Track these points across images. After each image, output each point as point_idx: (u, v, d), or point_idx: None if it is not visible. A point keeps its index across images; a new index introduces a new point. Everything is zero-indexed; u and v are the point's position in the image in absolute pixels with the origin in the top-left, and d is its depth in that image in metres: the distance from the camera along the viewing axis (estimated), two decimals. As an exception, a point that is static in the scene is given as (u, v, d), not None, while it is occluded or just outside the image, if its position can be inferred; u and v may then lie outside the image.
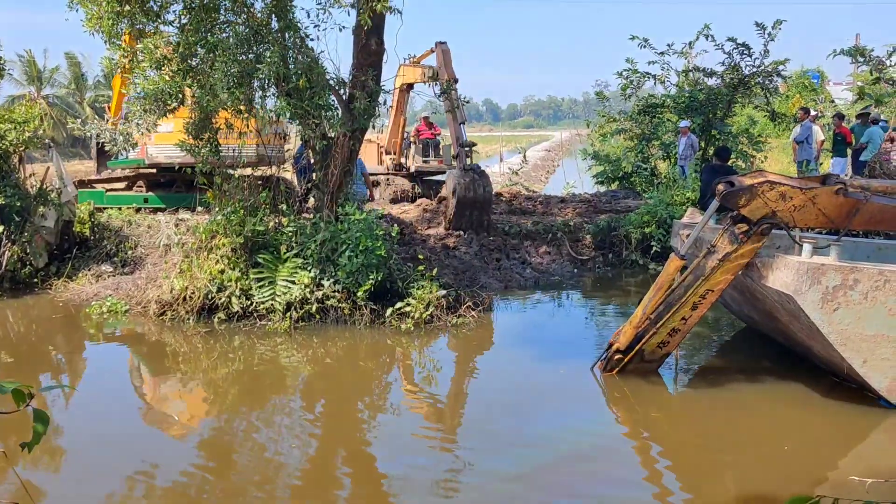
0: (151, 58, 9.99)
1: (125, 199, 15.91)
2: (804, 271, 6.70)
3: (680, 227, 9.56)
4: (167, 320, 10.13)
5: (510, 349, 9.49)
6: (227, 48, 9.74)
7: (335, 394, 8.11)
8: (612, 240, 14.41)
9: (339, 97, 10.80)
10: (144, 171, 16.09)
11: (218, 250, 10.28)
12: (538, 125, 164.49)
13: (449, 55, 15.22)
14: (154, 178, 16.30)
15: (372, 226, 10.27)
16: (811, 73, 32.67)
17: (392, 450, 6.46)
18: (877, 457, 6.36)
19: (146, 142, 14.28)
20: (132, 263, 12.72)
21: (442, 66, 15.09)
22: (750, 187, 6.85)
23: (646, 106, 19.79)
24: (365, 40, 10.58)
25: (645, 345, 7.64)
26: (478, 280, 12.38)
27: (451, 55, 15.24)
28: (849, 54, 19.29)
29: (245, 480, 5.87)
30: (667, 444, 6.65)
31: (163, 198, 15.87)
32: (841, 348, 6.79)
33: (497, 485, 5.67)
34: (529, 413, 7.27)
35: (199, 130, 10.78)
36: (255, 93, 10.35)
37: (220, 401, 7.86)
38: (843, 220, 7.12)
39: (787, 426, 6.91)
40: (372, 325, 9.93)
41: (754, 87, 18.39)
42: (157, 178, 16.27)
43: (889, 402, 6.90)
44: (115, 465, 6.04)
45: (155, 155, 14.87)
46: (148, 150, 14.91)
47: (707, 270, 7.22)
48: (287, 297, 9.88)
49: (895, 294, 6.62)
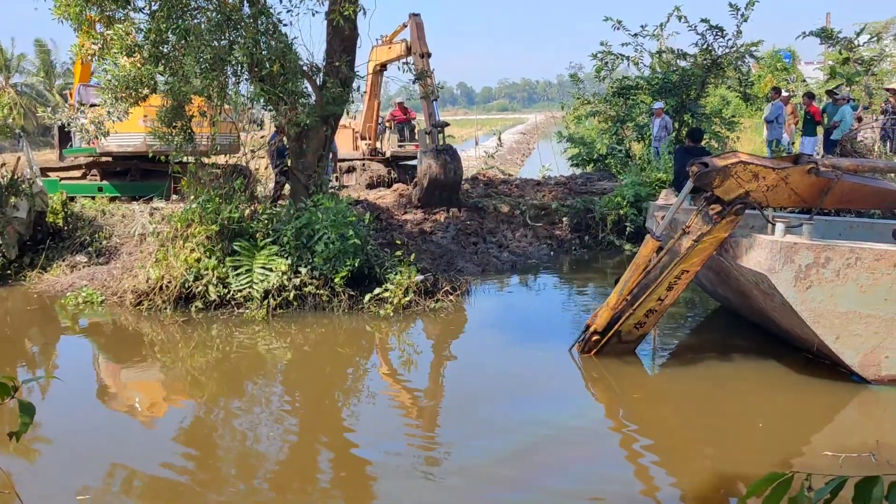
0: (122, 44, 9.86)
1: (79, 188, 15.62)
2: (777, 250, 6.79)
3: (655, 209, 9.63)
4: (144, 310, 10.06)
5: (488, 333, 9.54)
6: (199, 34, 9.64)
7: (314, 381, 8.11)
8: (588, 222, 14.49)
9: (313, 83, 10.74)
10: (98, 159, 15.86)
11: (193, 239, 10.21)
12: (513, 108, 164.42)
13: (422, 28, 15.16)
14: (108, 166, 16.06)
15: (344, 212, 10.24)
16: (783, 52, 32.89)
17: (372, 435, 6.48)
18: (849, 431, 6.49)
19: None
20: (107, 253, 12.61)
21: (415, 38, 15.04)
22: (723, 168, 6.91)
23: (620, 88, 19.85)
24: (338, 25, 10.52)
25: (622, 326, 7.71)
26: (455, 264, 12.40)
27: (424, 28, 15.18)
28: (818, 35, 19.45)
29: (225, 468, 5.88)
30: (645, 424, 6.73)
31: (117, 186, 15.64)
32: (814, 325, 6.89)
33: (477, 469, 5.71)
34: (509, 397, 7.32)
35: (172, 118, 10.67)
36: (228, 79, 10.26)
37: (199, 390, 7.83)
38: (814, 199, 7.21)
39: (762, 403, 7.01)
40: (350, 311, 9.93)
41: (727, 69, 18.50)
42: (112, 167, 16.04)
43: (861, 378, 7.02)
44: (93, 457, 6.02)
45: (106, 144, 14.65)
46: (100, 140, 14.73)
47: (682, 251, 7.28)
48: (264, 285, 9.85)
49: (866, 271, 6.73)
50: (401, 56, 16.34)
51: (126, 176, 15.93)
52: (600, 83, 20.49)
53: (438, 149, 14.45)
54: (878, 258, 6.74)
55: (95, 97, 15.20)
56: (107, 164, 15.99)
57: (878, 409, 6.86)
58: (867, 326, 6.86)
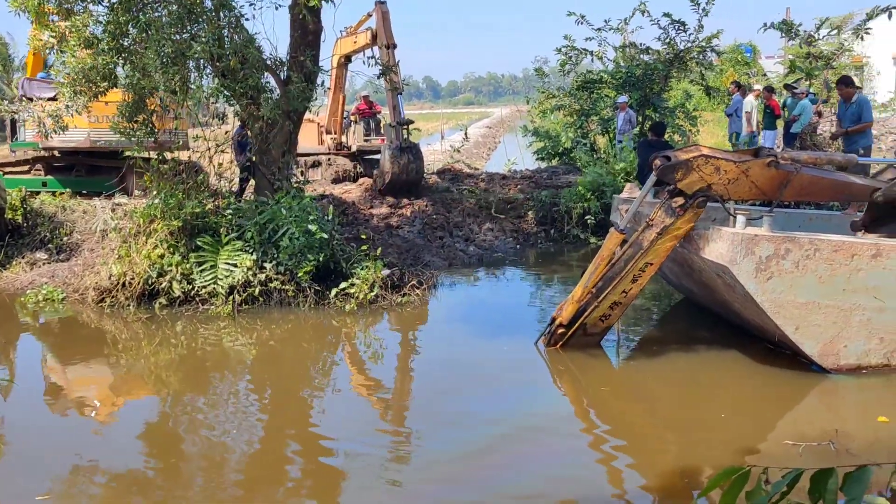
0: (80, 37, 9.71)
1: (23, 182, 15.20)
2: (738, 242, 6.88)
3: (619, 202, 9.71)
4: (106, 307, 9.92)
5: (455, 327, 9.55)
6: (159, 27, 9.52)
7: (281, 376, 8.06)
8: (554, 215, 14.57)
9: (277, 78, 10.65)
10: (43, 154, 15.58)
11: (156, 234, 10.09)
12: (479, 102, 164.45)
13: (388, 17, 15.07)
14: (53, 161, 15.78)
15: (307, 208, 10.17)
16: (744, 46, 33.26)
17: (339, 431, 6.46)
18: (810, 420, 6.60)
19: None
20: (68, 250, 12.40)
21: (381, 28, 14.96)
22: (686, 162, 6.99)
23: (584, 82, 19.96)
24: (302, 19, 10.44)
25: (587, 318, 7.77)
26: (422, 258, 12.40)
27: (390, 17, 15.09)
28: (779, 29, 19.68)
29: (190, 466, 5.83)
30: (611, 417, 6.80)
31: (62, 181, 15.36)
32: (774, 316, 7.00)
33: (445, 465, 5.70)
34: (475, 391, 7.34)
35: (133, 112, 10.52)
36: (189, 73, 10.14)
37: (164, 387, 7.76)
38: (774, 191, 7.33)
39: (725, 394, 7.12)
40: (316, 306, 9.89)
41: (689, 62, 18.68)
42: (57, 162, 15.75)
43: (821, 367, 7.15)
44: (54, 457, 5.92)
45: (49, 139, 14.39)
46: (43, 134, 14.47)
47: (646, 244, 7.35)
48: (229, 281, 9.77)
49: (825, 262, 6.85)
50: (367, 45, 16.23)
51: (72, 171, 15.65)
52: (565, 77, 20.58)
53: (402, 147, 14.49)
54: (837, 249, 6.86)
55: (39, 90, 15.00)
56: (52, 159, 15.68)
57: (836, 398, 7.00)
58: (826, 317, 6.98)
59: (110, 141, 14.07)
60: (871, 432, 6.05)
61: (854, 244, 6.93)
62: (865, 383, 7.05)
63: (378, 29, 15.13)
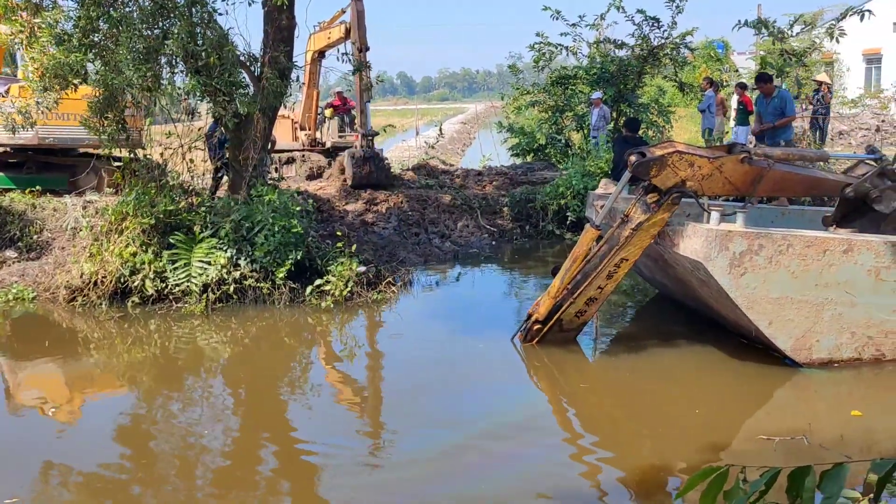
0: (51, 33, 9.56)
1: None
2: (712, 238, 6.92)
3: (594, 198, 9.74)
4: (78, 306, 9.80)
5: (431, 323, 9.55)
6: (131, 23, 9.40)
7: (256, 375, 8.01)
8: (529, 211, 14.59)
9: (251, 74, 10.57)
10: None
11: (128, 232, 9.97)
12: (453, 98, 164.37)
13: (363, 17, 15.01)
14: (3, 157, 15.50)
15: (287, 204, 10.11)
16: (716, 43, 33.50)
17: (314, 430, 6.43)
18: (783, 414, 6.68)
19: None
20: (38, 248, 12.22)
21: (355, 27, 14.91)
22: (660, 157, 7.02)
23: (558, 78, 20.00)
24: (276, 15, 10.37)
25: (563, 314, 7.79)
26: (397, 255, 12.37)
27: (365, 16, 15.04)
28: (753, 26, 19.82)
29: (164, 466, 5.77)
30: (587, 414, 6.83)
31: (12, 178, 15.10)
32: (748, 311, 7.06)
33: (421, 465, 5.67)
34: (452, 389, 7.33)
35: (104, 109, 10.39)
36: (162, 70, 10.03)
37: (137, 387, 7.67)
38: (748, 187, 7.38)
39: (699, 389, 7.18)
40: (291, 304, 9.83)
41: (663, 59, 18.79)
42: (4, 159, 15.48)
43: (794, 361, 7.22)
44: (23, 459, 5.83)
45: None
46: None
47: (621, 240, 7.38)
48: (203, 279, 9.68)
49: (798, 257, 6.92)
50: (341, 40, 16.16)
51: (22, 168, 15.38)
52: (539, 73, 20.61)
53: (366, 156, 14.67)
54: (809, 245, 6.93)
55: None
56: (2, 156, 15.41)
57: (809, 392, 7.08)
58: (798, 311, 7.06)
59: (60, 139, 13.94)
60: (844, 426, 6.12)
61: (826, 240, 7.01)
62: (837, 377, 7.13)
63: (352, 27, 15.07)
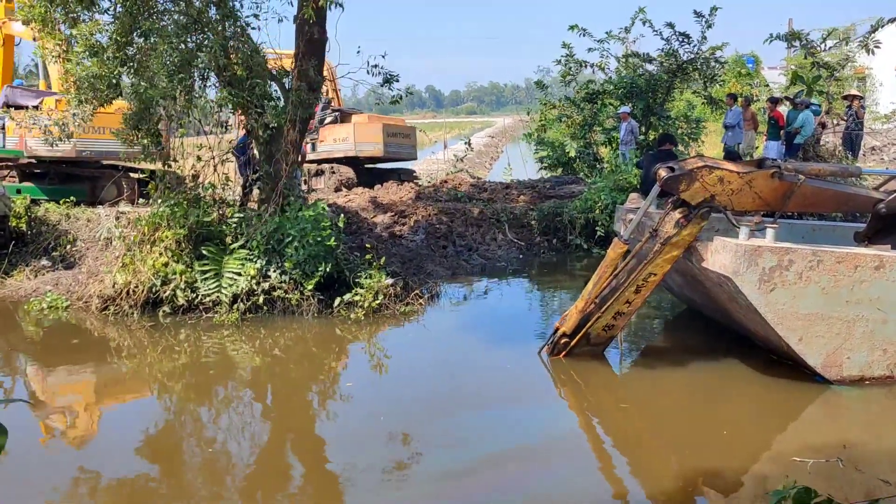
0: (86, 45, 9.76)
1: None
2: (742, 253, 6.88)
3: (623, 213, 9.72)
4: (110, 315, 9.95)
5: (459, 336, 9.56)
6: (165, 36, 9.57)
7: (284, 386, 8.07)
8: (557, 225, 14.58)
9: (282, 86, 10.70)
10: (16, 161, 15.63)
11: (161, 243, 10.11)
12: (481, 111, 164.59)
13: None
14: (28, 168, 15.81)
15: (319, 218, 10.20)
16: (746, 57, 33.29)
17: (341, 443, 6.43)
18: (815, 434, 6.54)
19: (24, 134, 14.10)
20: (72, 258, 12.44)
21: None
22: (689, 172, 7.01)
23: (588, 93, 20.01)
24: (306, 29, 10.49)
25: (591, 328, 7.77)
26: (425, 268, 12.41)
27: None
28: (785, 39, 19.73)
29: (192, 475, 5.82)
30: (613, 430, 6.77)
31: (38, 189, 15.42)
32: (778, 327, 7.00)
33: (448, 480, 5.63)
34: (480, 402, 7.30)
35: (138, 121, 10.57)
36: (194, 82, 10.18)
37: (167, 396, 7.77)
38: (778, 202, 7.34)
39: (728, 406, 7.09)
40: (320, 315, 9.90)
41: (692, 73, 18.73)
42: (32, 170, 15.79)
43: (824, 378, 7.14)
44: (55, 466, 5.94)
45: (34, 147, 14.48)
46: (27, 143, 14.56)
47: (650, 254, 7.36)
48: (233, 289, 9.78)
49: (828, 273, 6.86)
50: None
51: (45, 179, 15.69)
52: (566, 87, 20.65)
53: None
54: (840, 261, 6.87)
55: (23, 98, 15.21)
56: (27, 167, 15.75)
57: (840, 410, 6.98)
58: (829, 328, 6.98)
59: (97, 151, 14.33)
60: (878, 446, 6.02)
61: (857, 255, 6.94)
62: (869, 395, 7.03)
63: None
